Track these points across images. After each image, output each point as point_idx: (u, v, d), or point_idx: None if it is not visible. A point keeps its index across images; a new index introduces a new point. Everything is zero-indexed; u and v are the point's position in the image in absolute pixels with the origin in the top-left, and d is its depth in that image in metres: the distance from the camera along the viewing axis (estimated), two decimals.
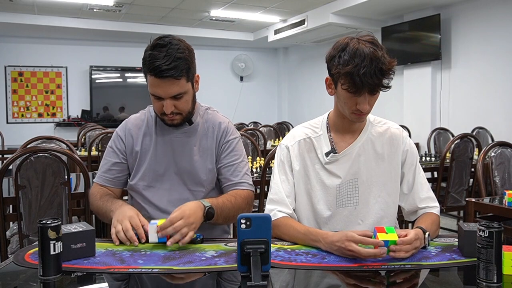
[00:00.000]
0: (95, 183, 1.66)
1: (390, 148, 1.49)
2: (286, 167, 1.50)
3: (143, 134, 1.63)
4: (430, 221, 1.41)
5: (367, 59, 1.29)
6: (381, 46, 1.35)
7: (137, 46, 8.19)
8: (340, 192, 1.46)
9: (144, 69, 1.50)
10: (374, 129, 1.50)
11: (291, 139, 1.53)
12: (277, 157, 1.54)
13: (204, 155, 1.62)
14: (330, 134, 1.50)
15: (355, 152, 1.46)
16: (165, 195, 1.59)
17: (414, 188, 1.49)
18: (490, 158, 2.42)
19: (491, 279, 0.98)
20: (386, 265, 1.12)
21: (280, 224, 1.40)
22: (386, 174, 1.48)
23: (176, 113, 1.53)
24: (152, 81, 1.47)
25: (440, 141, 4.92)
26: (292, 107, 9.04)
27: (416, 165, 1.52)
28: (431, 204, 1.48)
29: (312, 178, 1.47)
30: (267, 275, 1.04)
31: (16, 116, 7.63)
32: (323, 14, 6.16)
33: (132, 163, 1.63)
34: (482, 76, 5.18)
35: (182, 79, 1.48)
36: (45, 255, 1.04)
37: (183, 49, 1.48)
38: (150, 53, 1.46)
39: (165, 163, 1.60)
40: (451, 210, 3.76)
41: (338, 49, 1.36)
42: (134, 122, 1.67)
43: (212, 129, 1.65)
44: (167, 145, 1.61)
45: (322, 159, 1.47)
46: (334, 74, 1.37)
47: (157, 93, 1.49)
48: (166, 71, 1.43)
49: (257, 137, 4.57)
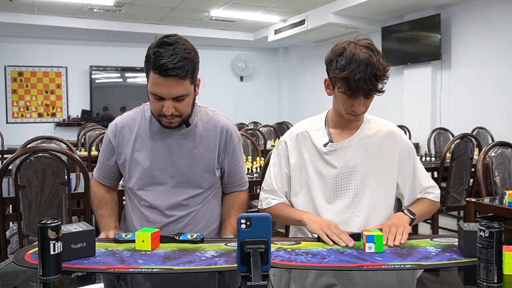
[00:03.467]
0: (93, 178, 1.70)
1: (387, 144, 1.56)
2: (282, 161, 1.60)
3: (135, 136, 1.58)
4: (421, 207, 1.55)
5: (362, 65, 1.36)
6: (377, 51, 1.43)
7: (137, 46, 8.21)
8: (337, 183, 1.52)
9: (147, 66, 1.43)
10: (371, 126, 1.57)
11: (289, 134, 1.63)
12: (275, 151, 1.64)
13: (204, 158, 1.59)
14: (328, 129, 1.58)
15: (353, 145, 1.53)
16: (163, 197, 1.57)
17: (415, 182, 1.58)
18: (490, 158, 2.42)
19: (492, 279, 0.98)
20: (386, 265, 1.12)
21: (275, 210, 1.56)
22: (383, 167, 1.54)
23: (175, 115, 1.47)
24: (155, 80, 1.40)
25: (440, 141, 4.91)
26: (292, 107, 9.03)
27: (414, 159, 1.59)
28: (429, 191, 1.58)
29: (310, 169, 1.55)
30: (267, 275, 1.03)
31: (16, 116, 7.63)
32: (323, 14, 6.15)
33: (122, 164, 1.60)
34: (482, 76, 5.18)
35: (186, 80, 1.42)
36: (45, 255, 1.04)
37: (189, 49, 1.44)
38: (156, 50, 1.40)
39: (161, 166, 1.56)
40: (451, 210, 3.75)
41: (336, 53, 1.43)
42: (126, 122, 1.61)
43: (214, 131, 1.61)
44: (163, 148, 1.56)
45: (320, 149, 1.54)
46: (331, 77, 1.46)
47: (159, 92, 1.42)
48: (172, 70, 1.38)
49: (257, 137, 4.58)
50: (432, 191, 1.59)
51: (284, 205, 1.58)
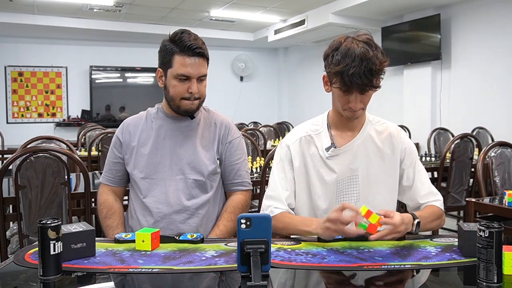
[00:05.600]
0: (100, 185, 1.74)
1: (389, 146, 1.52)
2: (285, 165, 1.54)
3: (140, 130, 1.68)
4: (429, 211, 1.45)
5: (357, 59, 1.33)
6: (376, 46, 1.38)
7: (137, 46, 8.23)
8: (339, 188, 1.49)
9: (170, 52, 1.56)
10: (373, 128, 1.54)
11: (292, 137, 1.57)
12: (277, 155, 1.58)
13: (206, 147, 1.67)
14: (330, 131, 1.54)
15: (355, 149, 1.50)
16: (164, 186, 1.62)
17: (415, 185, 1.53)
18: (490, 158, 2.42)
19: (491, 279, 0.98)
20: (386, 265, 1.12)
21: (278, 220, 1.46)
22: (385, 171, 1.51)
23: (196, 97, 1.60)
24: (183, 61, 1.55)
25: (440, 141, 4.91)
26: (292, 107, 9.03)
27: (416, 162, 1.55)
28: (433, 198, 1.51)
29: (312, 174, 1.51)
30: (267, 275, 1.04)
31: (16, 116, 7.63)
32: (323, 14, 6.15)
33: (128, 158, 1.67)
34: (482, 76, 5.18)
35: (206, 62, 1.60)
36: (45, 255, 1.04)
37: (202, 41, 1.62)
38: (179, 36, 1.55)
39: (165, 156, 1.63)
40: (451, 210, 3.75)
41: (332, 48, 1.41)
42: (132, 120, 1.73)
43: (214, 124, 1.71)
44: (167, 139, 1.65)
45: (322, 154, 1.50)
46: (328, 72, 1.43)
47: (187, 72, 1.55)
48: (198, 49, 1.55)
49: (257, 137, 4.57)
50: (436, 197, 1.52)
51: (287, 214, 1.49)
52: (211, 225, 1.66)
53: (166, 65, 1.58)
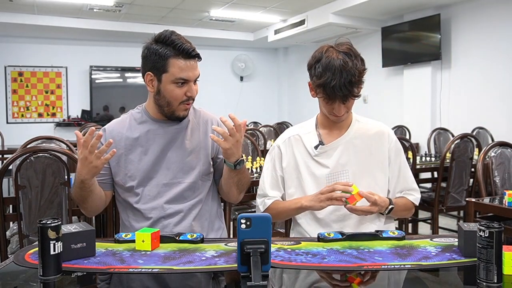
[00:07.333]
0: None
1: (377, 142, 1.62)
2: (276, 164, 1.66)
3: (125, 136, 1.62)
4: (403, 201, 1.63)
5: (337, 72, 1.44)
6: (355, 55, 1.48)
7: (137, 46, 8.13)
8: (330, 181, 1.57)
9: (163, 56, 1.48)
10: (360, 126, 1.64)
11: (281, 138, 1.70)
12: (268, 156, 1.70)
13: (197, 147, 1.63)
14: (318, 131, 1.65)
15: (344, 145, 1.59)
16: (157, 191, 1.59)
17: (398, 180, 1.64)
18: (490, 158, 2.42)
19: (491, 279, 0.98)
20: (386, 265, 1.12)
21: (271, 209, 1.62)
22: (374, 165, 1.60)
23: (192, 99, 1.58)
24: (181, 65, 1.50)
25: (440, 141, 4.91)
26: (292, 107, 9.03)
27: (401, 159, 1.65)
28: (411, 193, 1.65)
29: (303, 171, 1.61)
30: (267, 275, 1.04)
31: (16, 116, 7.62)
32: (323, 14, 6.15)
33: (115, 166, 1.61)
34: (482, 76, 5.18)
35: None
36: (45, 255, 1.04)
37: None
38: (171, 38, 1.49)
39: (155, 161, 1.59)
40: (451, 210, 3.75)
41: (315, 59, 1.52)
42: (115, 126, 1.65)
43: (203, 123, 1.68)
44: (156, 144, 1.60)
45: (311, 151, 1.61)
46: (312, 82, 1.55)
47: (187, 75, 1.51)
48: (194, 51, 1.51)
49: (257, 137, 4.57)
50: (413, 193, 1.65)
51: (279, 201, 1.65)
52: (206, 224, 1.65)
53: (160, 70, 1.51)
